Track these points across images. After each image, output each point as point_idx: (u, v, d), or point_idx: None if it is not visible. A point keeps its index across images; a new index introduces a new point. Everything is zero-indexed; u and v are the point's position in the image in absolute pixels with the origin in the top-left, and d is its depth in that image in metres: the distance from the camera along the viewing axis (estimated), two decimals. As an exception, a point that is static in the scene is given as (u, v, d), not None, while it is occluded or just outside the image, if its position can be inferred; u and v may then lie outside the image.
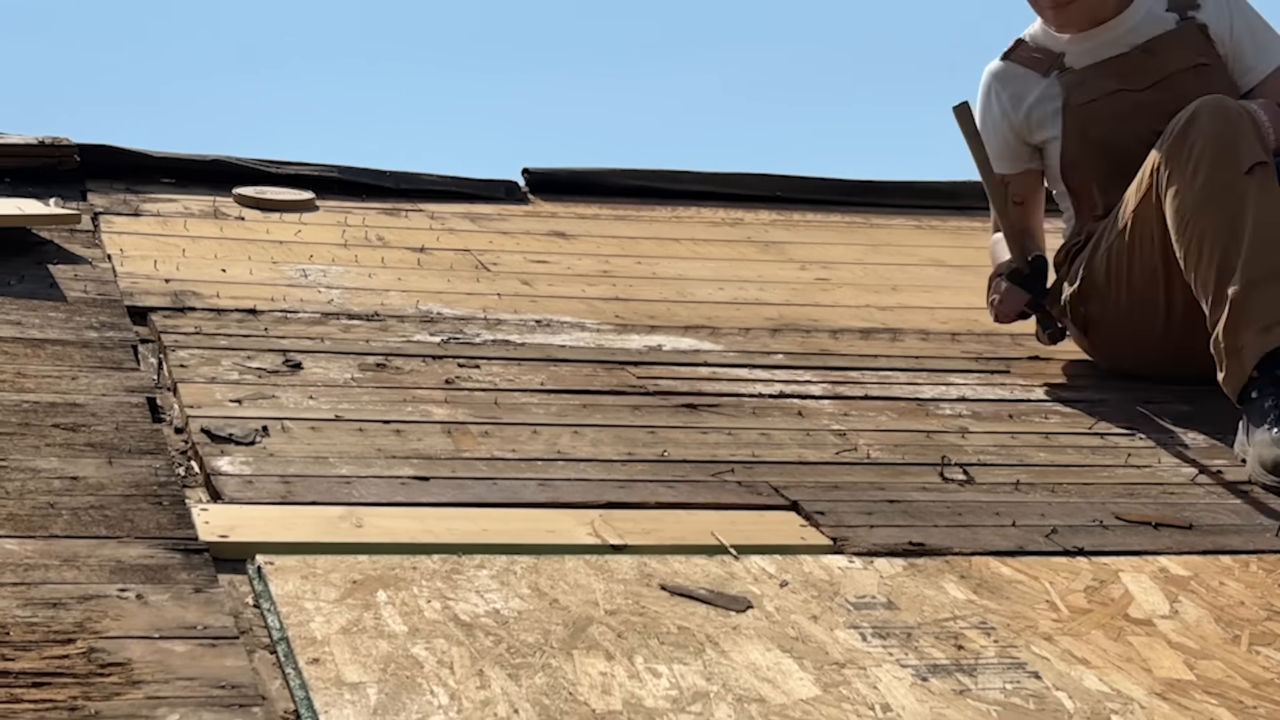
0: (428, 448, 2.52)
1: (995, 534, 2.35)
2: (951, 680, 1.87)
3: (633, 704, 1.74)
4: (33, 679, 1.63)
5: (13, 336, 2.84)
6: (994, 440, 2.81)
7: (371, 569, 2.02)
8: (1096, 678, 1.91)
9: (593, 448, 2.59)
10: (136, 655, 1.70)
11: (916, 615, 2.04)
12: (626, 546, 2.18)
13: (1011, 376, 3.27)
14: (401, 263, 3.83)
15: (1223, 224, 2.85)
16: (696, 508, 2.37)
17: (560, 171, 5.00)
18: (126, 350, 2.84)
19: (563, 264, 4.00)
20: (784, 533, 2.29)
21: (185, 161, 4.54)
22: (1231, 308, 2.80)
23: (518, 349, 3.13)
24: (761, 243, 4.51)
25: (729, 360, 3.21)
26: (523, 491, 2.36)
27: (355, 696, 1.69)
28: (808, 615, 2.01)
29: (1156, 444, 2.86)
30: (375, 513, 2.22)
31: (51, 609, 1.79)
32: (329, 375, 2.84)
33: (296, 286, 3.45)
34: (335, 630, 1.84)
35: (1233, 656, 2.00)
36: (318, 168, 4.66)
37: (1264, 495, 2.62)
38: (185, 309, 3.17)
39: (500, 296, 3.54)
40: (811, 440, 2.73)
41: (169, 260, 3.55)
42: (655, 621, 1.95)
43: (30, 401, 2.50)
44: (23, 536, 1.98)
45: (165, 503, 2.14)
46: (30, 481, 2.17)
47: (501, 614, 1.93)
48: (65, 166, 4.28)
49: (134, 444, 2.36)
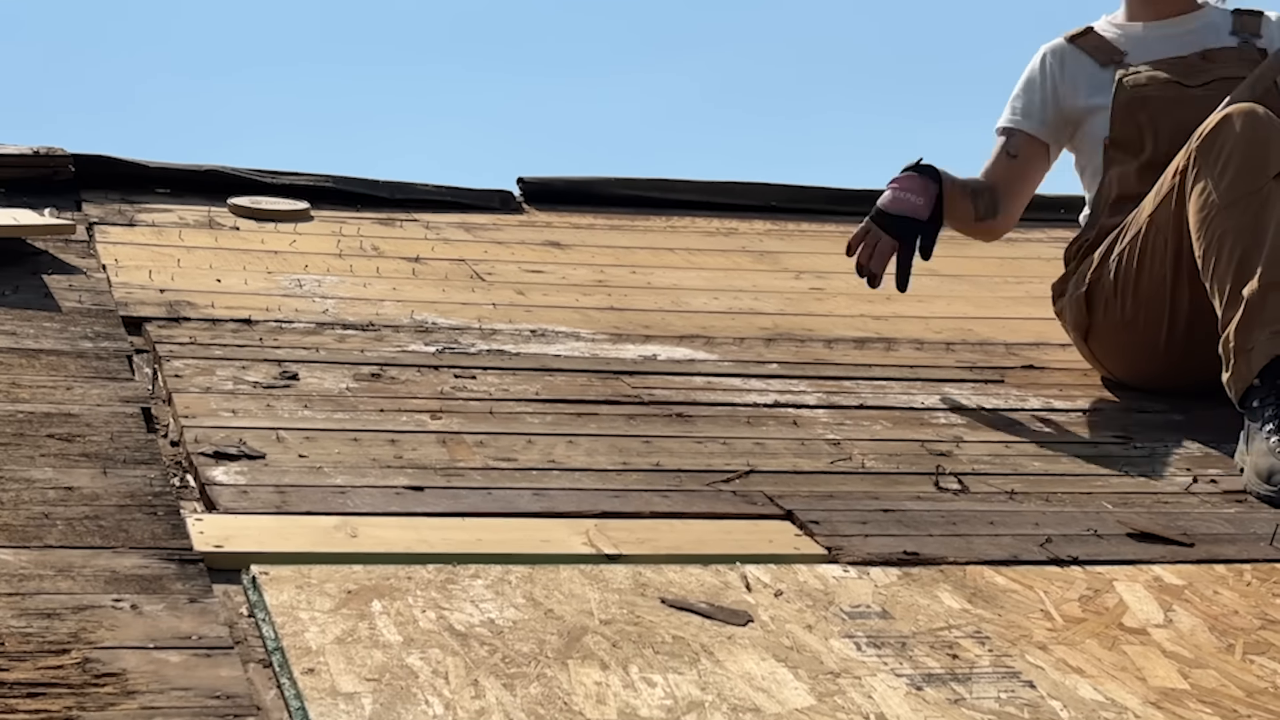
0: (422, 457, 2.52)
1: (990, 543, 2.35)
2: (946, 689, 1.87)
3: (627, 713, 1.74)
4: (27, 689, 1.63)
5: (7, 347, 2.84)
6: (988, 450, 2.81)
7: (366, 579, 2.02)
8: (1091, 687, 1.91)
9: (587, 457, 2.59)
10: (131, 666, 1.70)
11: (911, 624, 2.04)
12: (621, 556, 2.18)
13: (1006, 386, 3.28)
14: (396, 273, 3.83)
15: (1245, 226, 2.86)
16: (691, 517, 2.37)
17: (555, 181, 5.01)
18: (121, 360, 2.84)
19: (558, 274, 4.00)
20: (779, 542, 2.30)
21: (180, 171, 4.54)
22: (1247, 308, 2.80)
23: (513, 359, 3.13)
24: (756, 252, 4.51)
25: (724, 370, 3.21)
26: (517, 501, 2.36)
27: (350, 707, 1.69)
28: (802, 624, 2.01)
29: (1151, 453, 2.87)
30: (370, 523, 2.22)
31: (46, 619, 1.79)
32: (324, 385, 2.84)
33: (291, 296, 3.45)
34: (330, 640, 1.84)
35: (1227, 666, 2.01)
36: (312, 178, 4.67)
37: (1258, 505, 2.62)
38: (180, 319, 3.17)
39: (495, 306, 3.54)
40: (806, 449, 2.74)
41: (164, 270, 3.55)
42: (650, 631, 1.95)
43: (25, 412, 2.50)
44: (17, 547, 1.98)
45: (160, 513, 2.14)
46: (25, 492, 2.17)
47: (496, 624, 1.93)
48: (60, 177, 4.28)
49: (129, 454, 2.36)
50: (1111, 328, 3.22)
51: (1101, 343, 3.28)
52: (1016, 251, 4.45)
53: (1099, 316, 3.23)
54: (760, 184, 5.18)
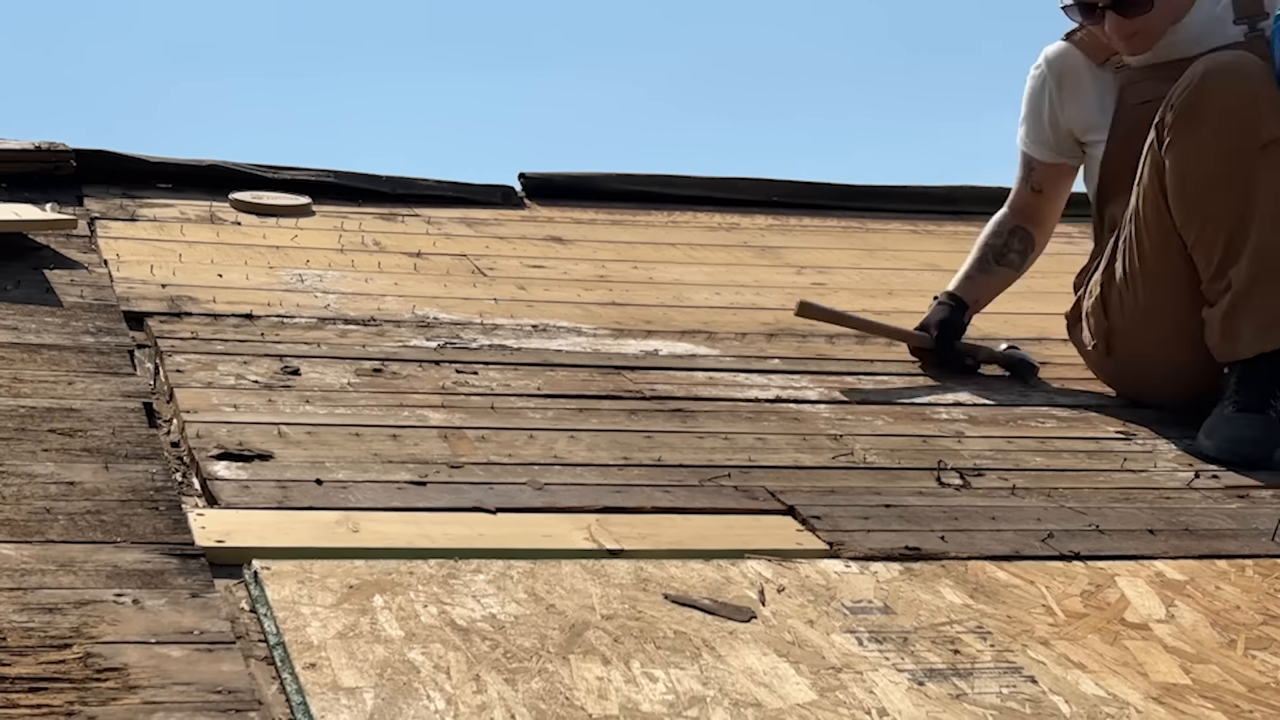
0: (424, 452, 2.52)
1: (991, 538, 2.35)
2: (948, 684, 1.87)
3: (629, 709, 1.74)
4: (29, 684, 1.63)
5: (9, 342, 2.84)
6: (990, 445, 2.81)
7: (368, 574, 2.02)
8: (1093, 682, 1.91)
9: (589, 452, 2.59)
10: (133, 660, 1.70)
11: (913, 620, 2.04)
12: (623, 551, 2.18)
13: (1008, 381, 3.28)
14: (398, 268, 3.83)
15: (1231, 206, 2.78)
16: (693, 512, 2.37)
17: (557, 176, 5.01)
18: (123, 355, 2.84)
19: (559, 269, 4.00)
20: (780, 537, 2.30)
21: (182, 166, 4.53)
22: (1234, 296, 2.80)
23: (514, 354, 3.13)
24: (758, 247, 4.51)
25: (725, 365, 3.21)
26: (519, 496, 2.36)
27: (352, 701, 1.69)
28: (804, 620, 2.01)
29: (1152, 448, 2.87)
30: (371, 518, 2.22)
31: (48, 614, 1.79)
32: (325, 380, 2.84)
33: (293, 291, 3.45)
34: (332, 635, 1.84)
35: (1229, 661, 2.01)
36: (314, 173, 4.66)
37: (1260, 500, 2.62)
38: (181, 314, 3.17)
39: (497, 301, 3.54)
40: (808, 445, 2.73)
41: (165, 265, 3.55)
42: (652, 626, 1.95)
43: (26, 406, 2.50)
44: (19, 541, 1.98)
45: (162, 508, 2.14)
46: (26, 486, 2.17)
47: (498, 619, 1.93)
48: (62, 171, 4.28)
49: (130, 449, 2.36)
50: (1131, 323, 3.04)
51: (1126, 343, 3.08)
52: (1018, 247, 4.44)
53: (1116, 315, 3.06)
54: (762, 179, 5.17)
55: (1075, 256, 4.32)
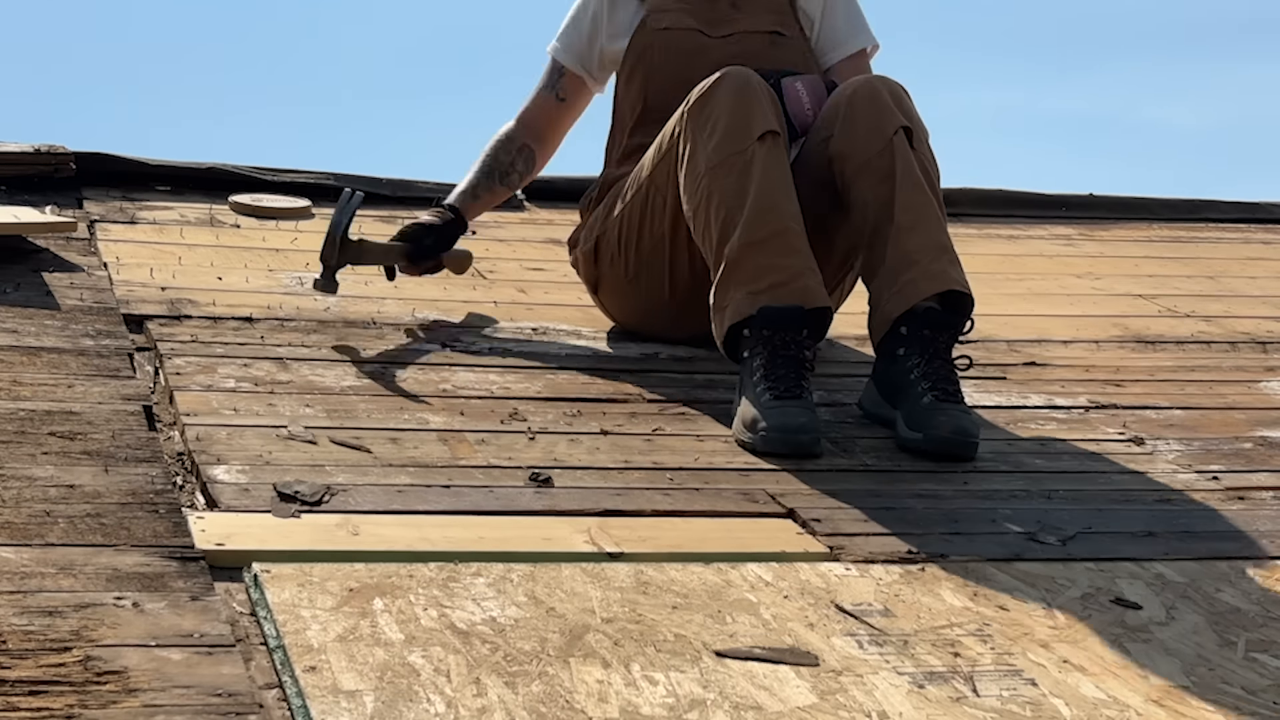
0: (424, 456, 2.52)
1: (991, 541, 2.35)
2: (948, 688, 1.87)
3: (629, 711, 1.74)
4: (29, 687, 1.63)
5: (9, 345, 2.84)
6: (990, 447, 2.81)
7: (368, 577, 2.02)
8: (1093, 685, 1.91)
9: (589, 455, 2.59)
10: (133, 663, 1.70)
11: (913, 622, 2.04)
12: (623, 554, 2.18)
13: (1008, 383, 3.27)
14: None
15: (730, 187, 2.88)
16: (693, 515, 2.37)
17: (557, 179, 5.00)
18: (123, 358, 2.84)
19: (559, 271, 3.99)
20: (780, 540, 2.30)
21: (181, 169, 4.53)
22: (726, 267, 2.85)
23: (514, 357, 3.13)
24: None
25: (725, 368, 3.21)
26: (519, 499, 2.36)
27: (352, 704, 1.69)
28: (804, 623, 2.01)
29: (1153, 451, 2.87)
30: (372, 521, 2.22)
31: (48, 617, 1.79)
32: (325, 383, 2.84)
33: (293, 294, 3.44)
34: (332, 638, 1.84)
35: (1229, 663, 2.01)
36: (314, 175, 4.65)
37: (1259, 502, 2.63)
38: (181, 317, 3.16)
39: (497, 304, 3.54)
40: (808, 447, 2.73)
41: (165, 268, 3.55)
42: (652, 629, 1.95)
43: (26, 410, 2.50)
44: (19, 545, 1.98)
45: (162, 511, 2.14)
46: (26, 490, 2.17)
47: (498, 622, 1.93)
48: (61, 174, 4.27)
49: (130, 452, 2.36)
50: (617, 282, 3.25)
51: (610, 296, 3.30)
52: (1018, 249, 4.44)
53: (605, 270, 3.26)
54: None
55: (1075, 258, 4.33)
